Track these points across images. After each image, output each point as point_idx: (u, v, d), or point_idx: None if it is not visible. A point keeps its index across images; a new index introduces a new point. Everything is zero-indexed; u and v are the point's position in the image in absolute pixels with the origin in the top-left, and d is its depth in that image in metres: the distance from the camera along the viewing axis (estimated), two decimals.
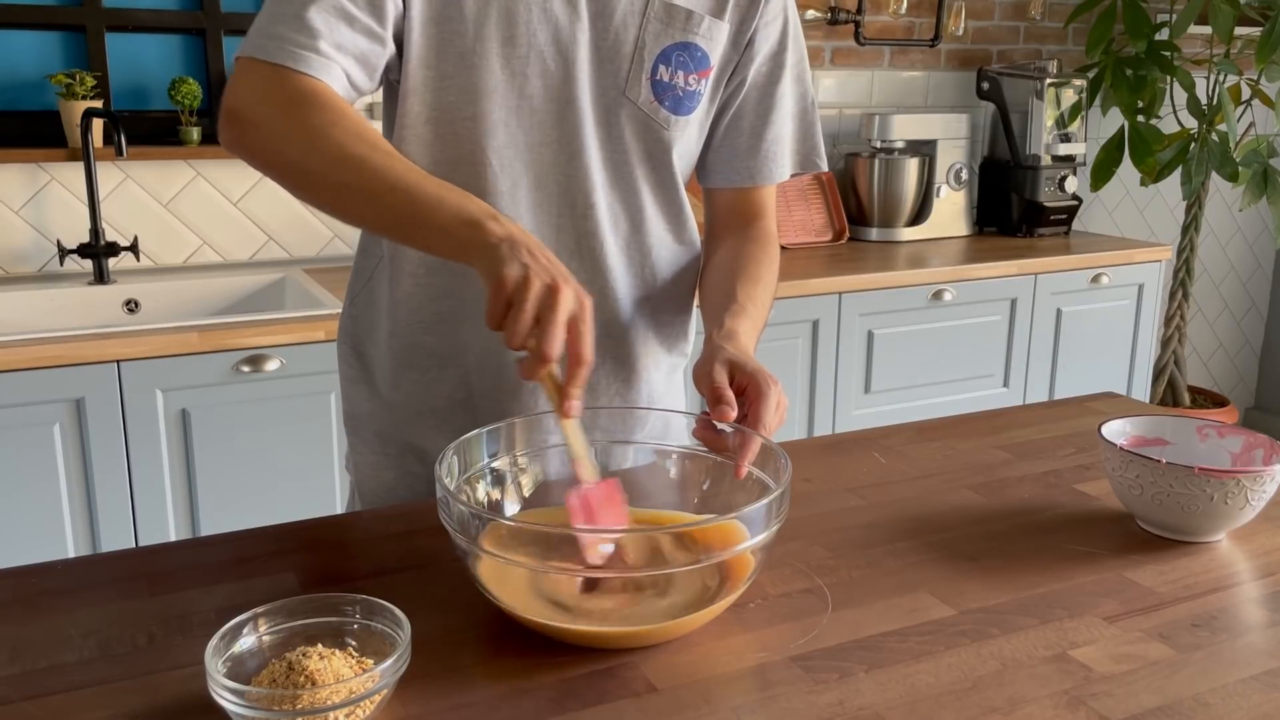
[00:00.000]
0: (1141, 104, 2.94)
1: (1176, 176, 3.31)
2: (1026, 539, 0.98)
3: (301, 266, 2.47)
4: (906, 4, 3.03)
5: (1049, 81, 3.04)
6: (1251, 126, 3.18)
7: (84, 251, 2.24)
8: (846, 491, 1.08)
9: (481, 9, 1.00)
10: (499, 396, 1.10)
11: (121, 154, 2.10)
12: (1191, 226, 3.26)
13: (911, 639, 0.80)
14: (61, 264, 2.29)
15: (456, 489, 0.84)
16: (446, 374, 1.11)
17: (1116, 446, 0.97)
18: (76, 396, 1.84)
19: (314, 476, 2.05)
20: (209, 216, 2.44)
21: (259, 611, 0.72)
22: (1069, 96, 3.09)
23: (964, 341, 2.76)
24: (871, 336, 2.63)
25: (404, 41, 1.00)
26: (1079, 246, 3.03)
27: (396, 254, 1.09)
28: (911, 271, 2.63)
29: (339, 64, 0.94)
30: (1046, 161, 3.09)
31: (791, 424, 2.58)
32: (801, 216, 2.98)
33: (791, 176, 1.19)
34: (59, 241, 2.25)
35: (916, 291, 2.65)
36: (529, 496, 0.95)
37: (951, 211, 3.11)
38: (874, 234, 3.05)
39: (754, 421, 0.90)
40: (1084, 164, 3.20)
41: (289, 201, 2.49)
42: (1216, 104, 2.84)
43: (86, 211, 2.29)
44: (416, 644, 0.73)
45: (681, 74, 1.07)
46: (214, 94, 2.45)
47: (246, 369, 1.94)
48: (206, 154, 2.36)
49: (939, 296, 2.67)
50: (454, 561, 0.88)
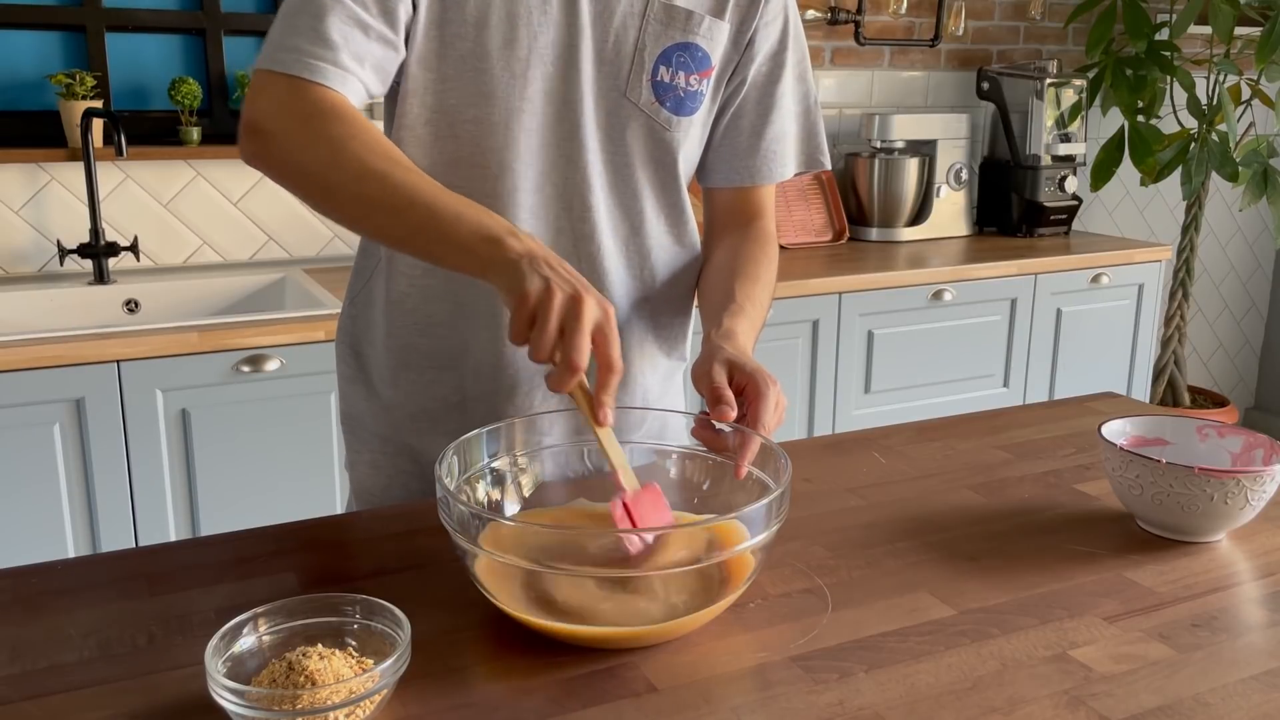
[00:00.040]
0: (1141, 104, 2.94)
1: (1176, 176, 3.31)
2: (1026, 539, 0.98)
3: (301, 266, 2.47)
4: (906, 4, 3.03)
5: (1049, 81, 3.04)
6: (1251, 126, 3.18)
7: (84, 251, 2.24)
8: (846, 491, 1.08)
9: (482, 12, 1.00)
10: (493, 400, 1.10)
11: (121, 154, 2.10)
12: (1191, 226, 3.26)
13: (911, 639, 0.80)
14: (61, 264, 2.30)
15: (456, 489, 0.84)
16: (443, 376, 1.11)
17: (1116, 446, 0.97)
18: (76, 396, 1.84)
19: (314, 476, 2.05)
20: (209, 216, 2.44)
21: (259, 611, 0.72)
22: (1069, 96, 3.09)
23: (964, 341, 2.76)
24: (871, 336, 2.62)
25: (408, 43, 1.00)
26: (1079, 246, 3.03)
27: (394, 255, 1.09)
28: (911, 271, 2.63)
29: (356, 75, 0.94)
30: (1046, 161, 3.09)
31: (791, 424, 2.58)
32: (801, 216, 2.98)
33: (796, 175, 1.19)
34: (59, 241, 2.25)
35: (916, 291, 2.65)
36: (529, 496, 0.95)
37: (951, 211, 3.11)
38: (874, 234, 3.05)
39: (753, 421, 0.90)
40: (1084, 164, 3.20)
41: (289, 201, 2.49)
42: (1216, 104, 2.84)
43: (86, 211, 2.29)
44: (416, 644, 0.73)
45: (682, 74, 1.07)
46: (214, 94, 2.45)
47: (246, 369, 1.94)
48: (206, 154, 2.36)
49: (939, 296, 2.67)
50: (454, 561, 0.88)
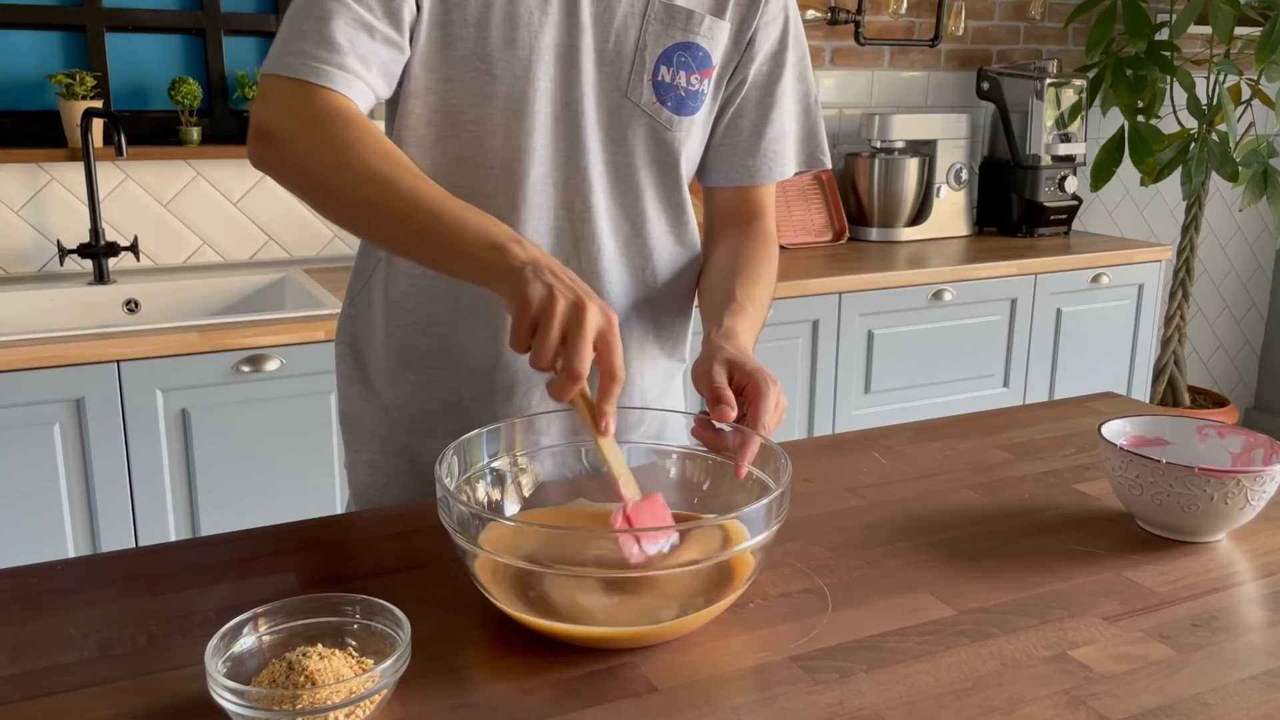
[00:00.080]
0: (1141, 104, 2.94)
1: (1176, 176, 3.31)
2: (1026, 539, 0.98)
3: (301, 266, 2.47)
4: (906, 4, 3.03)
5: (1049, 81, 3.04)
6: (1251, 126, 3.18)
7: (84, 251, 2.24)
8: (846, 491, 1.08)
9: (483, 12, 1.00)
10: (489, 401, 1.10)
11: (121, 154, 2.10)
12: (1191, 226, 3.26)
13: (911, 639, 0.80)
14: (61, 264, 2.30)
15: (456, 489, 0.84)
16: (441, 377, 1.11)
17: (1116, 446, 0.97)
18: (76, 396, 1.84)
19: (314, 476, 2.05)
20: (209, 216, 2.44)
21: (259, 611, 0.72)
22: (1069, 96, 3.09)
23: (964, 341, 2.76)
24: (871, 336, 2.62)
25: (411, 44, 1.00)
26: (1079, 246, 3.03)
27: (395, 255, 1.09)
28: (911, 271, 2.63)
29: (362, 78, 0.94)
30: (1046, 161, 3.09)
31: (791, 424, 2.58)
32: (801, 216, 2.98)
33: (796, 174, 1.19)
34: (59, 241, 2.25)
35: (916, 291, 2.64)
36: (529, 496, 0.95)
37: (951, 211, 3.11)
38: (874, 234, 3.05)
39: (753, 421, 0.90)
40: (1084, 164, 3.20)
41: (289, 201, 2.49)
42: (1216, 104, 2.84)
43: (86, 211, 2.29)
44: (416, 644, 0.73)
45: (683, 74, 1.07)
46: (214, 94, 2.45)
47: (246, 369, 1.94)
48: (206, 154, 2.36)
49: (939, 296, 2.67)
50: (454, 561, 0.88)
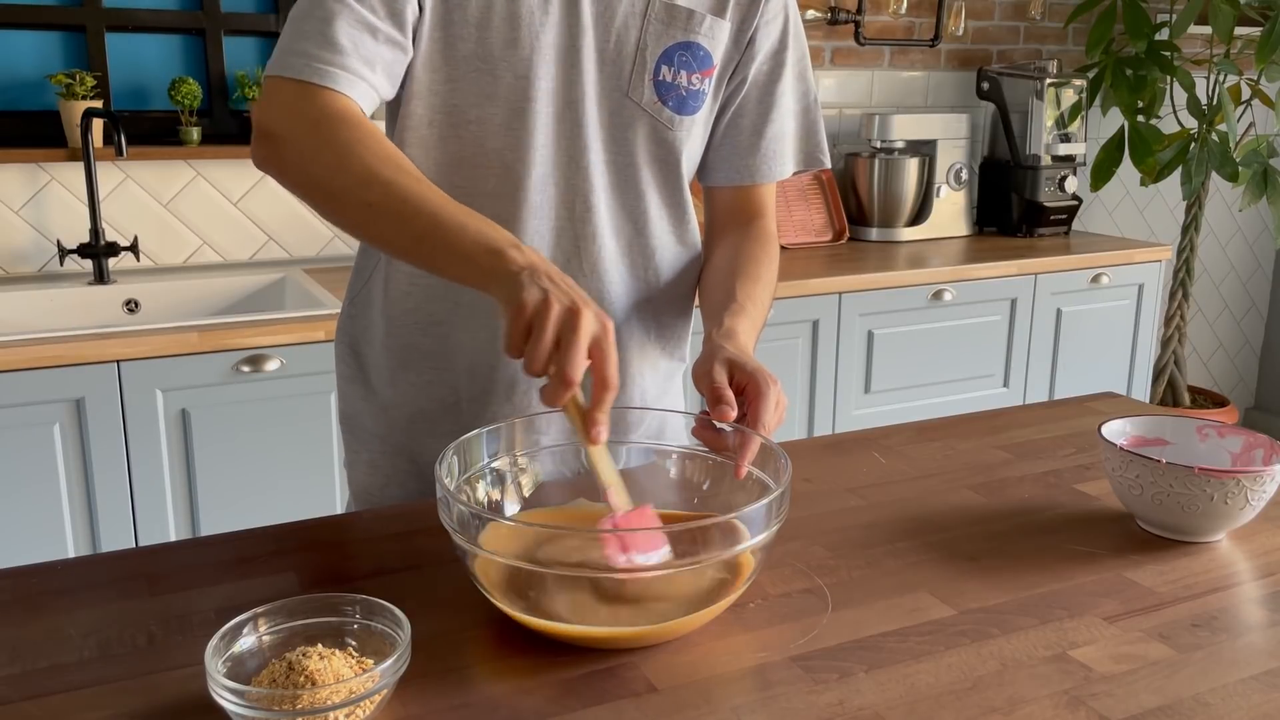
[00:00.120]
0: (1141, 104, 2.94)
1: (1176, 176, 3.31)
2: (1026, 539, 0.98)
3: (301, 266, 2.47)
4: (906, 4, 3.03)
5: (1049, 81, 3.04)
6: (1251, 126, 3.18)
7: (84, 251, 2.24)
8: (846, 491, 1.08)
9: (484, 13, 1.00)
10: (489, 401, 1.10)
11: (121, 154, 2.10)
12: (1191, 226, 3.26)
13: (911, 639, 0.80)
14: (61, 264, 2.30)
15: (456, 489, 0.84)
16: (441, 377, 1.11)
17: (1116, 446, 0.97)
18: (76, 396, 1.84)
19: (314, 476, 2.04)
20: (209, 216, 2.44)
21: (259, 611, 0.72)
22: (1069, 96, 3.09)
23: (964, 341, 2.76)
24: (871, 336, 2.62)
25: (413, 44, 1.00)
26: (1079, 246, 3.03)
27: None
28: (911, 271, 2.63)
29: (365, 79, 0.94)
30: (1046, 161, 3.09)
31: (791, 424, 2.58)
32: (801, 216, 2.98)
33: (795, 174, 1.19)
34: (59, 241, 2.25)
35: (916, 291, 2.64)
36: (529, 496, 0.95)
37: (951, 211, 3.11)
38: (874, 234, 3.05)
39: (753, 421, 0.90)
40: (1084, 164, 3.20)
41: (289, 201, 2.49)
42: (1216, 104, 2.84)
43: (86, 211, 2.29)
44: (416, 644, 0.73)
45: (684, 74, 1.07)
46: (214, 94, 2.45)
47: (246, 369, 1.94)
48: (206, 154, 2.36)
49: (939, 296, 2.67)
50: (454, 561, 0.88)
